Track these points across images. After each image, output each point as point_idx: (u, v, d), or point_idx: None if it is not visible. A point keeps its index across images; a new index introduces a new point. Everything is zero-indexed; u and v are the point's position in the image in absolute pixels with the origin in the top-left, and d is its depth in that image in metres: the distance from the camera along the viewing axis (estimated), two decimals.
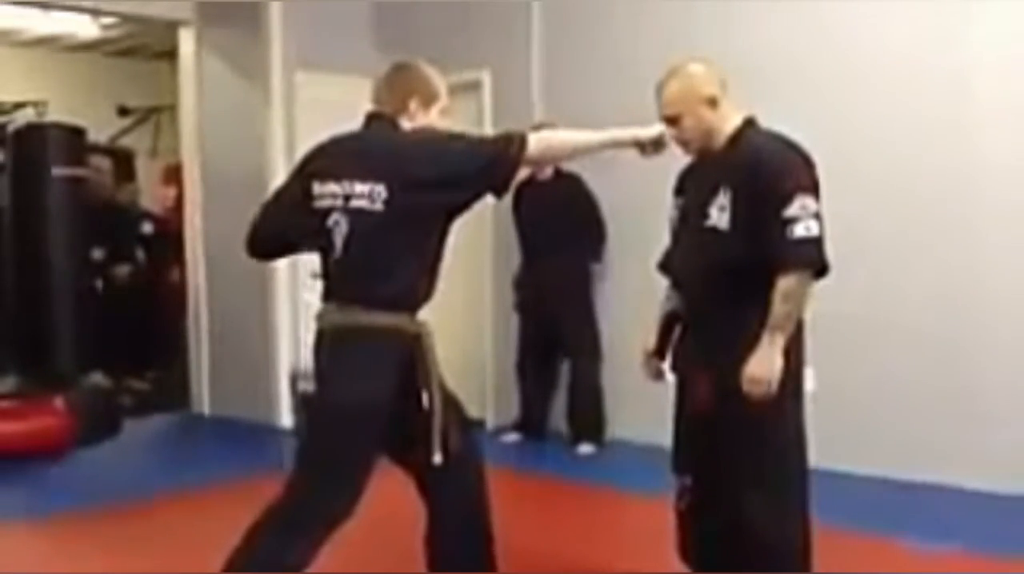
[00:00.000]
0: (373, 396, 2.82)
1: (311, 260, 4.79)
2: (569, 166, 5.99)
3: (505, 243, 6.39)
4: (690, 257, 3.11)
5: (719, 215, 2.96)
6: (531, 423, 6.22)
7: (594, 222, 6.00)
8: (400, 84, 3.01)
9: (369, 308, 2.84)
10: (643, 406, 5.36)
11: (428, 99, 3.00)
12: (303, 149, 3.13)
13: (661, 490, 3.36)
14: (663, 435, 3.33)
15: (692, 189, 3.16)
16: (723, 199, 2.95)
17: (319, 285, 3.00)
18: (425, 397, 2.86)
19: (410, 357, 2.87)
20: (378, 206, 2.82)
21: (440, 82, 3.04)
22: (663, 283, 3.30)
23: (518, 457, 5.98)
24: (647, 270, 3.50)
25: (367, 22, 6.98)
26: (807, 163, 2.94)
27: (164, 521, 4.68)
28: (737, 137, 3.03)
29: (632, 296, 5.70)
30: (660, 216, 3.43)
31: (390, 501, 3.26)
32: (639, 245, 5.37)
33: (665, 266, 3.28)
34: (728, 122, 3.04)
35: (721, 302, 3.00)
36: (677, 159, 3.22)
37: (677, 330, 3.20)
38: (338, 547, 2.93)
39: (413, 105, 2.97)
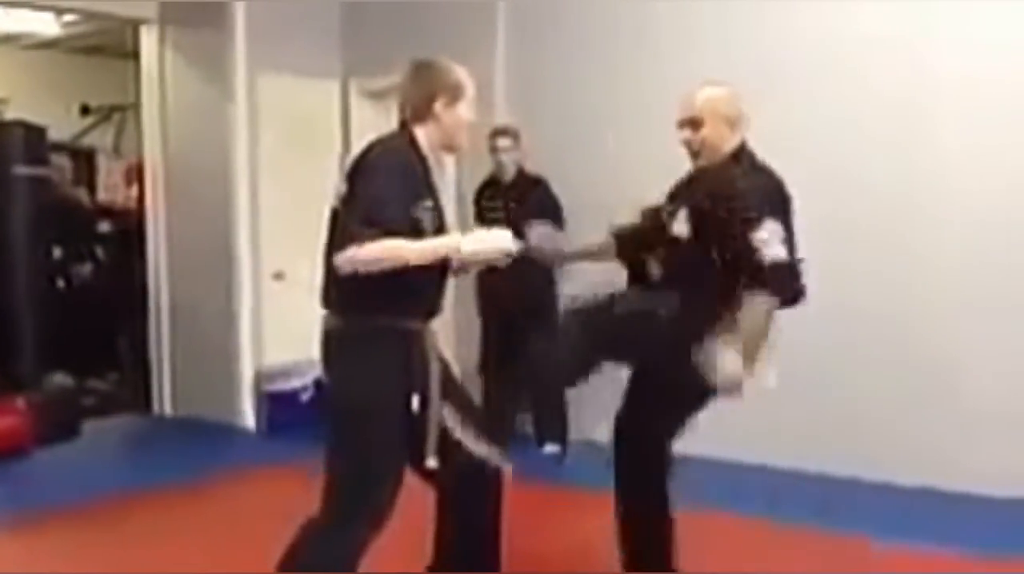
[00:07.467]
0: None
1: (273, 260, 4.75)
2: (533, 167, 6.00)
3: None
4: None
5: (681, 226, 3.21)
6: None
7: (555, 222, 5.96)
8: (422, 86, 2.94)
9: None
10: (605, 406, 5.40)
11: (454, 96, 2.92)
12: (266, 149, 3.12)
13: None
14: None
15: (676, 198, 3.36)
16: (686, 212, 3.21)
17: (278, 286, 2.98)
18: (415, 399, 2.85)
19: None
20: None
21: (462, 74, 2.96)
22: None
23: None
24: (610, 270, 3.55)
25: (332, 23, 6.96)
26: (779, 191, 3.15)
27: (125, 522, 4.65)
28: (728, 161, 3.24)
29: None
30: None
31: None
32: None
33: None
34: (730, 148, 3.25)
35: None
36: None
37: None
38: None
39: (439, 106, 2.90)
